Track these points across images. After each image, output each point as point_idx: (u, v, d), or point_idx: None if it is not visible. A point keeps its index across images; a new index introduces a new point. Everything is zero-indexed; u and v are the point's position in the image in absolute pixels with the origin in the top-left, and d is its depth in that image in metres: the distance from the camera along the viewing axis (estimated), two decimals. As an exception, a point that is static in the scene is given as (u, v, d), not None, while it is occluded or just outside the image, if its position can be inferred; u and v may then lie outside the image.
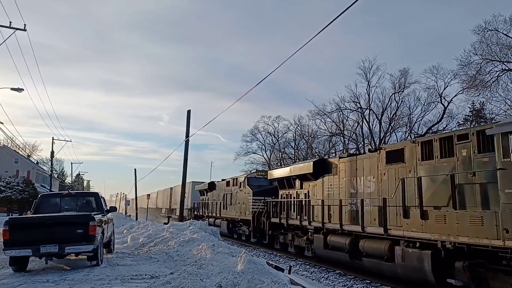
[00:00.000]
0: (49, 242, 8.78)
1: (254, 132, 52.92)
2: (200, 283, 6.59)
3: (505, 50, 27.76)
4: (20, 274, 8.95)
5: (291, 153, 49.98)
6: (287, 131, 51.23)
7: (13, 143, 51.85)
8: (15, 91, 24.00)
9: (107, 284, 7.63)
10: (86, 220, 9.12)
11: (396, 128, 38.59)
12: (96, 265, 9.63)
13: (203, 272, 7.75)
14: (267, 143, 53.13)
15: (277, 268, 8.78)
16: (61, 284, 7.72)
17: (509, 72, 28.07)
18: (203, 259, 9.73)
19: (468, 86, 30.23)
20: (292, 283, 7.24)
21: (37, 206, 10.80)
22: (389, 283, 11.96)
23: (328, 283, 12.17)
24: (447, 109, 34.41)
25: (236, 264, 7.42)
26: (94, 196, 11.91)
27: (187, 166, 22.95)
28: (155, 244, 13.53)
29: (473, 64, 29.12)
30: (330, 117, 42.12)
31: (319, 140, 45.78)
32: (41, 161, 65.63)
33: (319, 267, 14.77)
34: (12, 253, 8.74)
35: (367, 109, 39.39)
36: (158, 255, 11.76)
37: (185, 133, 23.17)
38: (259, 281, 6.49)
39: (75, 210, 11.06)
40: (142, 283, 7.70)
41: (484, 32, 27.86)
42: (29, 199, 37.57)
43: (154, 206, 58.14)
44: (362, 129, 40.16)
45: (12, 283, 7.84)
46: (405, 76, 37.29)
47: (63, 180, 78.60)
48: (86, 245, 9.03)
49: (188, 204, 36.38)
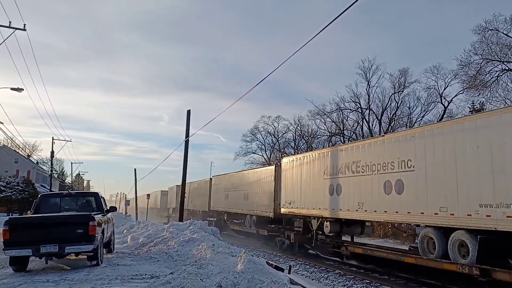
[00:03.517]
0: (49, 242, 8.77)
1: (254, 132, 52.88)
2: (200, 283, 6.59)
3: (505, 50, 27.74)
4: (20, 274, 8.96)
5: (291, 153, 49.95)
6: (287, 131, 51.22)
7: (13, 143, 51.87)
8: (15, 91, 23.97)
9: (107, 284, 7.64)
10: (86, 220, 9.12)
11: (396, 128, 38.53)
12: (96, 265, 9.62)
13: (203, 272, 7.75)
14: (267, 143, 53.12)
15: (277, 268, 8.78)
16: (61, 284, 7.72)
17: (509, 72, 28.05)
18: (203, 259, 9.74)
19: (468, 86, 30.21)
20: (292, 283, 7.24)
21: (37, 206, 10.79)
22: (388, 283, 12.00)
23: (328, 283, 12.20)
24: (447, 109, 34.47)
25: (236, 264, 7.43)
26: (94, 196, 11.91)
27: (187, 166, 22.95)
28: (155, 244, 13.54)
29: (473, 64, 29.14)
30: (330, 117, 42.11)
31: (319, 140, 45.80)
32: (41, 161, 65.66)
33: (319, 267, 14.81)
34: (12, 253, 8.74)
35: (367, 109, 39.40)
36: (158, 255, 11.77)
37: (185, 133, 23.15)
38: (259, 281, 6.49)
39: (75, 210, 11.06)
40: (142, 283, 7.71)
41: (484, 32, 27.87)
42: (29, 199, 37.54)
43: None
44: (362, 129, 40.15)
45: (12, 283, 7.85)
46: (405, 76, 37.28)
47: (63, 180, 78.57)
48: (86, 245, 9.02)
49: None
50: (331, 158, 15.90)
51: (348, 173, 14.64)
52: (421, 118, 37.09)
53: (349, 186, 14.58)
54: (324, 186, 16.10)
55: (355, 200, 14.03)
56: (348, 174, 14.67)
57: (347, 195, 14.67)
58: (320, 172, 16.59)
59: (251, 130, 52.99)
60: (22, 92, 23.97)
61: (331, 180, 15.61)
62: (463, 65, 29.80)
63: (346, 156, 14.99)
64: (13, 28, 18.56)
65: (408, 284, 11.91)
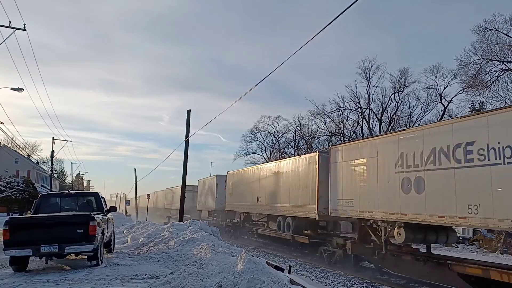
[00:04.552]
0: (49, 242, 8.78)
1: (254, 132, 52.87)
2: (200, 283, 6.60)
3: (505, 50, 27.73)
4: (20, 274, 8.96)
5: (291, 153, 49.91)
6: (287, 131, 51.23)
7: (13, 143, 51.95)
8: (15, 91, 23.97)
9: (107, 284, 7.64)
10: (86, 220, 9.12)
11: (396, 128, 38.57)
12: (96, 265, 9.62)
13: (203, 272, 7.75)
14: (267, 143, 53.12)
15: (277, 268, 8.77)
16: (61, 284, 7.72)
17: (509, 72, 28.04)
18: (203, 259, 9.73)
19: (468, 86, 30.20)
20: (292, 283, 7.23)
21: (37, 206, 10.79)
22: (388, 283, 12.00)
23: (328, 283, 12.20)
24: (447, 109, 34.48)
25: (236, 264, 7.42)
26: (94, 196, 11.90)
27: (187, 166, 22.95)
28: (155, 244, 13.54)
29: (473, 64, 29.13)
30: (330, 117, 42.10)
31: (319, 140, 45.80)
32: (41, 161, 65.71)
33: (319, 267, 14.79)
34: (12, 253, 8.73)
35: (367, 109, 39.41)
36: (158, 255, 11.77)
37: (185, 133, 23.15)
38: (259, 281, 6.49)
39: (75, 210, 11.05)
40: (142, 283, 7.71)
41: (484, 31, 27.85)
42: (29, 199, 37.54)
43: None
44: (362, 129, 40.13)
45: (12, 283, 7.85)
46: (405, 75, 37.30)
47: (63, 180, 78.59)
48: (86, 245, 9.02)
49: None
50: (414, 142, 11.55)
51: (447, 163, 10.37)
52: (421, 118, 37.14)
53: (446, 181, 10.36)
54: (402, 182, 11.81)
55: (464, 200, 9.76)
56: (445, 164, 10.44)
57: (441, 193, 10.48)
58: (391, 164, 12.33)
59: (251, 130, 53.02)
60: (22, 92, 23.98)
61: (415, 173, 11.40)
62: (463, 65, 29.81)
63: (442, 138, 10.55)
64: (13, 28, 18.56)
65: (408, 284, 11.91)
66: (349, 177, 14.40)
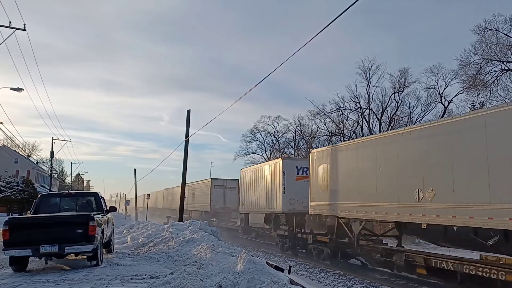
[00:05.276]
0: (49, 242, 8.77)
1: (254, 132, 52.85)
2: (200, 283, 6.59)
3: (505, 50, 27.76)
4: (20, 274, 8.95)
5: (291, 153, 49.95)
6: (287, 131, 51.24)
7: (13, 143, 51.86)
8: (15, 91, 23.98)
9: (107, 284, 7.64)
10: (86, 220, 9.11)
11: (396, 128, 38.58)
12: (96, 265, 9.62)
13: (203, 272, 7.75)
14: (266, 143, 53.12)
15: (277, 268, 8.76)
16: (61, 284, 7.72)
17: (509, 72, 28.07)
18: (203, 259, 9.73)
19: (468, 86, 30.23)
20: (292, 283, 7.23)
21: (37, 206, 10.78)
22: (388, 283, 12.00)
23: (328, 283, 12.21)
24: (447, 109, 34.46)
25: (236, 264, 7.42)
26: (94, 196, 11.90)
27: (187, 166, 22.96)
28: (155, 244, 13.54)
29: (473, 64, 29.15)
30: (330, 117, 42.08)
31: (319, 140, 45.79)
32: (41, 161, 65.74)
33: (319, 267, 14.80)
34: (12, 253, 8.73)
35: (367, 109, 39.40)
36: (158, 255, 11.77)
37: (185, 133, 23.17)
38: (259, 281, 6.48)
39: (75, 210, 11.05)
40: (142, 283, 7.71)
41: (484, 32, 27.88)
42: (29, 199, 37.51)
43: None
44: (362, 129, 40.10)
45: (12, 283, 7.85)
46: (405, 75, 37.25)
47: (63, 180, 78.60)
48: (86, 245, 9.02)
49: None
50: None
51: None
52: (421, 118, 37.11)
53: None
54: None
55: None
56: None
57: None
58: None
59: (251, 130, 52.99)
60: (22, 92, 24.00)
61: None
62: (463, 65, 29.83)
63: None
64: (13, 28, 18.58)
65: (408, 284, 11.90)
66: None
